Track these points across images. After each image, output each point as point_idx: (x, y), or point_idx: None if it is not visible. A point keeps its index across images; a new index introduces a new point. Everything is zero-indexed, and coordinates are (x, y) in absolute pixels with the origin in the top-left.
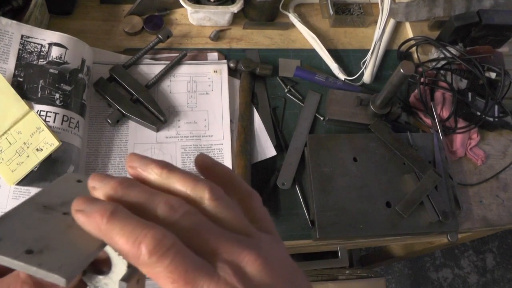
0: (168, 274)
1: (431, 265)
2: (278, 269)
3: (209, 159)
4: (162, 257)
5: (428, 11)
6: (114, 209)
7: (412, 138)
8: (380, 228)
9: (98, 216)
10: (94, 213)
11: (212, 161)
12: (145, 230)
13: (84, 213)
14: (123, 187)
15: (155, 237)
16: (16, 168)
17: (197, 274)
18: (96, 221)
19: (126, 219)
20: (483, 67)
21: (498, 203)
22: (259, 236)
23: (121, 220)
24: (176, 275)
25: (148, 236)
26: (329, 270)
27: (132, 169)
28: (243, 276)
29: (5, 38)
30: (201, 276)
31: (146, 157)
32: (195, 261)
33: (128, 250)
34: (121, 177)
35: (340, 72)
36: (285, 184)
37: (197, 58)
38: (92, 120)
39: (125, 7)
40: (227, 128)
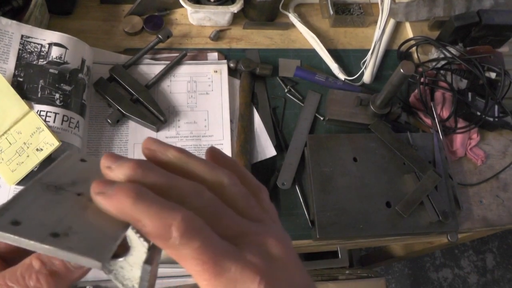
0: (197, 256)
1: (431, 265)
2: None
3: (220, 151)
4: (192, 239)
5: (428, 11)
6: (139, 190)
7: (412, 138)
8: (380, 228)
9: (122, 198)
10: (117, 194)
11: (222, 154)
12: (173, 212)
13: (106, 195)
14: (143, 169)
15: (185, 219)
16: (16, 168)
17: (225, 256)
18: (120, 202)
19: (152, 200)
20: (483, 67)
21: (498, 203)
22: (271, 224)
23: (148, 201)
24: (205, 257)
25: (178, 218)
26: (329, 270)
27: (149, 151)
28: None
29: (5, 38)
30: (229, 258)
31: (163, 142)
32: (222, 244)
33: (156, 232)
34: (137, 159)
35: (340, 72)
36: (285, 184)
37: (197, 58)
38: (92, 120)
39: (125, 7)
40: (227, 128)
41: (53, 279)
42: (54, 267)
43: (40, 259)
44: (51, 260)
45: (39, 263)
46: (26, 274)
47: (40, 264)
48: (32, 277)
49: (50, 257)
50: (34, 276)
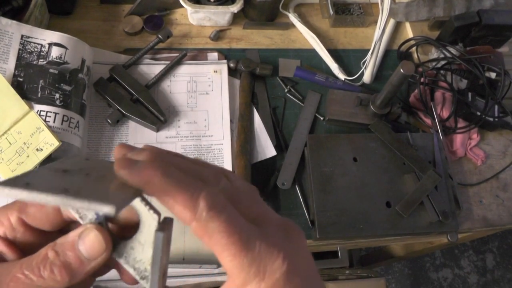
0: (224, 229)
1: (431, 265)
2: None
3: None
4: (220, 212)
5: (428, 11)
6: (167, 165)
7: (412, 138)
8: (380, 228)
9: (152, 171)
10: (147, 167)
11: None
12: (200, 186)
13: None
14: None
15: (212, 193)
16: (16, 168)
17: (250, 232)
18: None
19: (180, 175)
20: (483, 67)
21: (498, 203)
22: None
23: (176, 174)
24: (231, 229)
25: (205, 192)
26: (329, 270)
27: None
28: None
29: (5, 38)
30: (253, 233)
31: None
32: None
33: (184, 203)
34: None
35: (340, 72)
36: (285, 184)
37: (197, 58)
38: (92, 120)
39: (125, 7)
40: (227, 128)
41: (66, 270)
42: (68, 258)
43: (55, 250)
44: (65, 251)
45: (53, 253)
46: (41, 265)
47: (54, 255)
48: (47, 268)
49: (64, 248)
50: (48, 267)
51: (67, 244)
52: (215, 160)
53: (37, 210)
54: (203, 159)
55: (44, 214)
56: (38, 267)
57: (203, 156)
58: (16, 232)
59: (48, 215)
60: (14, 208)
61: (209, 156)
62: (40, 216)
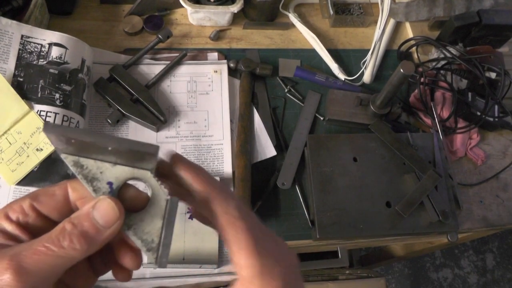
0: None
1: (431, 265)
2: None
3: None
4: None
5: (428, 11)
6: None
7: (412, 138)
8: (380, 228)
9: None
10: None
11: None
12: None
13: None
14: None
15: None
16: (16, 168)
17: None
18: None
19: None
20: (483, 67)
21: (498, 203)
22: None
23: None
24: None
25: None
26: (329, 270)
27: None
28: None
29: (5, 38)
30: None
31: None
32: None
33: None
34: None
35: (340, 72)
36: (285, 184)
37: (197, 58)
38: (92, 120)
39: (125, 7)
40: (227, 128)
41: (84, 239)
42: (85, 228)
43: (72, 222)
44: (81, 222)
45: (70, 225)
46: (60, 236)
47: (72, 226)
48: (66, 238)
49: (80, 219)
50: (67, 237)
51: (82, 215)
52: (215, 160)
53: (49, 198)
54: (203, 160)
55: (54, 201)
56: (58, 238)
57: (203, 156)
58: (28, 217)
59: (58, 203)
60: (27, 196)
61: (209, 156)
62: (51, 204)
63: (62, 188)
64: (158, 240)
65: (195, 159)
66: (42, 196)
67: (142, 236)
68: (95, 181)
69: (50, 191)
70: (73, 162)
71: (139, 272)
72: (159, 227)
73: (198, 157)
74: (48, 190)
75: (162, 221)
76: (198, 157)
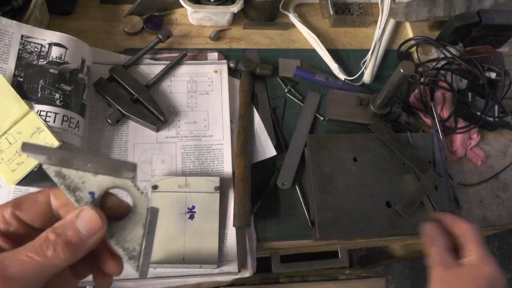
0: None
1: None
2: None
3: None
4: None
5: (428, 11)
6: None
7: (412, 138)
8: (380, 228)
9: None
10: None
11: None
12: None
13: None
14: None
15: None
16: (16, 168)
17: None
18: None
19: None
20: (483, 67)
21: (498, 203)
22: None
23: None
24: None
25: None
26: (329, 270)
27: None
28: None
29: (5, 38)
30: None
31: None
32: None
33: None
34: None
35: (340, 72)
36: (285, 184)
37: (197, 58)
38: (92, 120)
39: (125, 7)
40: (227, 128)
41: (68, 248)
42: (68, 237)
43: (56, 232)
44: (65, 232)
45: (54, 235)
46: (44, 245)
47: (56, 236)
48: (50, 248)
49: (64, 229)
50: (51, 246)
51: (66, 224)
52: (215, 160)
53: (31, 205)
54: (203, 160)
55: (37, 209)
56: (41, 248)
57: (203, 156)
58: (9, 225)
59: (41, 210)
60: (9, 204)
61: (209, 156)
62: (33, 211)
63: (44, 195)
64: (140, 248)
65: (195, 159)
66: (24, 203)
67: (124, 245)
68: (77, 191)
69: (32, 198)
70: (55, 172)
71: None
72: (140, 235)
73: (198, 157)
74: (30, 198)
75: (143, 230)
76: (198, 157)
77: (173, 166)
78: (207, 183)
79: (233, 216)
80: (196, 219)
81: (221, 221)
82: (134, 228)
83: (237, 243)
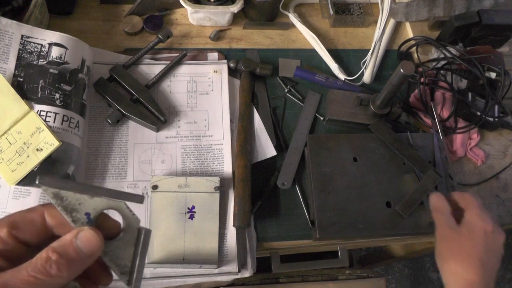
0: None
1: (431, 265)
2: None
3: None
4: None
5: (428, 11)
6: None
7: (412, 138)
8: (380, 228)
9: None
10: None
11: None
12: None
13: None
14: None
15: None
16: (16, 168)
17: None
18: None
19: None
20: (483, 67)
21: (498, 203)
22: None
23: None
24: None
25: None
26: (329, 270)
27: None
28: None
29: (5, 38)
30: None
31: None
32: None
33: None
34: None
35: (340, 72)
36: (285, 184)
37: (197, 58)
38: (92, 120)
39: (125, 7)
40: (227, 128)
41: (70, 266)
42: (70, 257)
43: (57, 252)
44: (66, 251)
45: (56, 255)
46: (47, 265)
47: (58, 256)
48: (53, 267)
49: (65, 249)
50: (54, 266)
51: (66, 244)
52: (215, 160)
53: (28, 225)
54: (203, 160)
55: (33, 228)
56: (44, 267)
57: (203, 156)
58: (6, 245)
59: (37, 229)
60: (4, 224)
61: (209, 156)
62: (30, 231)
63: (39, 214)
64: (131, 264)
65: (195, 159)
66: (20, 223)
67: (116, 261)
68: (74, 212)
69: (28, 217)
70: (53, 194)
71: None
72: (131, 253)
73: (198, 157)
74: (25, 217)
75: (134, 248)
76: (198, 157)
77: (173, 166)
78: (207, 183)
79: (233, 216)
80: (196, 219)
81: (221, 221)
82: (126, 247)
83: (237, 243)
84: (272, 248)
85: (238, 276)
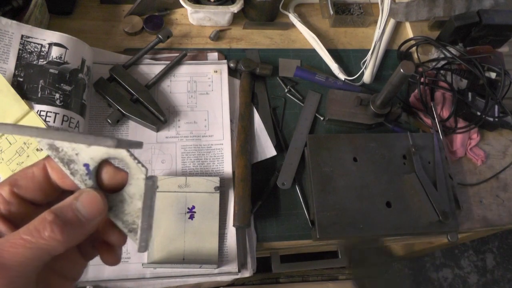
0: None
1: (431, 265)
2: None
3: None
4: None
5: (428, 11)
6: None
7: (412, 138)
8: (380, 228)
9: None
10: None
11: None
12: None
13: None
14: None
15: None
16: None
17: None
18: None
19: None
20: (483, 67)
21: (498, 203)
22: None
23: None
24: None
25: None
26: (329, 270)
27: None
28: None
29: (5, 38)
30: None
31: None
32: None
33: None
34: None
35: (340, 72)
36: (285, 184)
37: (197, 58)
38: (92, 120)
39: (125, 7)
40: (227, 128)
41: (67, 229)
42: (67, 218)
43: (54, 213)
44: (64, 213)
45: (52, 215)
46: (40, 226)
47: (54, 216)
48: (47, 228)
49: (63, 210)
50: (48, 226)
51: (65, 206)
52: (215, 160)
53: (29, 180)
54: (203, 160)
55: (35, 183)
56: (37, 229)
57: (203, 156)
58: (10, 205)
59: (40, 184)
60: (5, 183)
61: (209, 156)
62: (32, 186)
63: (40, 168)
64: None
65: (195, 159)
66: (21, 180)
67: (122, 218)
68: (72, 163)
69: (28, 173)
70: (48, 145)
71: (139, 272)
72: (139, 208)
73: (198, 157)
74: (26, 173)
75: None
76: (198, 157)
77: (173, 166)
78: (207, 183)
79: (233, 216)
80: (196, 219)
81: (221, 221)
82: (132, 201)
83: (237, 243)
84: (272, 248)
85: (238, 276)
